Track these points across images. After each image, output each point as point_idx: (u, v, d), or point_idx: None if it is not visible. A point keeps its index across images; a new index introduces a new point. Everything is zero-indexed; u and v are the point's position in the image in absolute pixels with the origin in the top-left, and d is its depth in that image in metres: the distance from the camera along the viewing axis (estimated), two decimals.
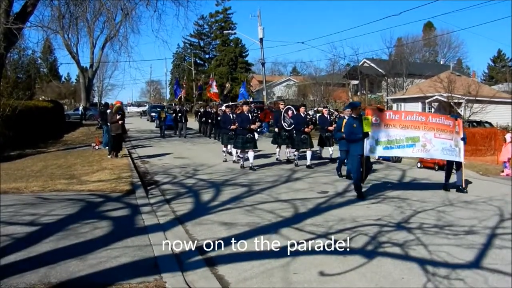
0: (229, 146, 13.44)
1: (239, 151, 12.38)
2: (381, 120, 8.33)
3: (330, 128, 12.92)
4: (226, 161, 13.29)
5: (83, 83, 41.58)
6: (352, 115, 8.62)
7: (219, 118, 18.66)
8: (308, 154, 12.16)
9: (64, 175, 9.94)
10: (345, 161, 10.41)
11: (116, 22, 20.18)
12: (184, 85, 36.17)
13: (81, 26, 24.02)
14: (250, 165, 11.72)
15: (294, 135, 12.43)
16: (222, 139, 14.03)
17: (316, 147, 13.18)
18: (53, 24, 17.96)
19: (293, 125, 12.46)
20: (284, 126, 12.76)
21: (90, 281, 4.12)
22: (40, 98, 36.75)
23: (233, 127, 12.37)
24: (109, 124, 13.96)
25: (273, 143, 13.87)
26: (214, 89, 31.90)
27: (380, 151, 8.53)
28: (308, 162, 12.06)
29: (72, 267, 4.42)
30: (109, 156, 13.12)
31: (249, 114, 12.09)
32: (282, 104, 13.78)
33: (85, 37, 35.21)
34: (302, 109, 12.48)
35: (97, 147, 16.09)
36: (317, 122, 13.37)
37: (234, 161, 12.99)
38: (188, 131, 23.84)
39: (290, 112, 12.74)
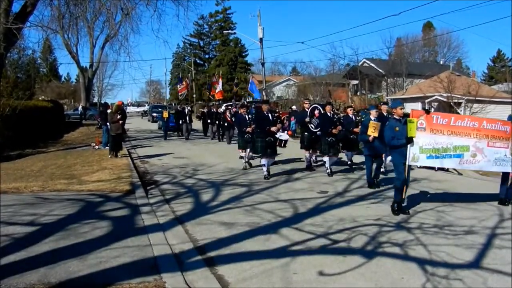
0: (247, 151, 12.02)
1: (250, 154, 11.45)
2: (427, 124, 7.21)
3: (356, 129, 11.24)
4: (246, 168, 11.76)
5: (83, 83, 41.54)
6: (395, 116, 7.51)
7: (232, 118, 18.17)
8: (331, 159, 10.80)
9: (64, 175, 9.94)
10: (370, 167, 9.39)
11: (116, 22, 20.14)
12: (186, 83, 35.60)
13: (81, 26, 24.06)
14: (265, 174, 10.20)
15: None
16: (238, 142, 12.50)
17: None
18: (53, 24, 18.03)
19: (319, 127, 11.03)
20: (311, 128, 11.25)
21: (90, 281, 4.13)
22: (40, 98, 36.71)
23: (249, 129, 11.18)
24: (108, 124, 13.97)
25: (303, 148, 12.13)
26: (220, 87, 31.27)
27: (423, 160, 7.31)
28: (327, 165, 10.81)
29: (72, 267, 4.43)
30: (109, 156, 13.13)
31: (269, 114, 10.55)
32: (307, 103, 12.21)
33: (85, 37, 35.16)
34: (328, 108, 10.95)
35: (97, 147, 16.10)
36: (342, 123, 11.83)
37: (244, 167, 11.76)
38: (192, 132, 22.83)
39: (317, 112, 11.22)
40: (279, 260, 4.88)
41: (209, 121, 22.81)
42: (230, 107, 21.81)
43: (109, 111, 14.66)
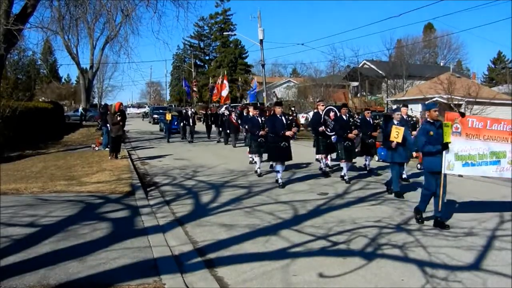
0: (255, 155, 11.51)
1: (257, 159, 11.05)
2: (462, 128, 6.56)
3: (374, 133, 11.01)
4: (258, 172, 11.06)
5: (83, 84, 41.56)
6: (428, 119, 6.77)
7: (238, 120, 17.73)
8: (347, 164, 10.17)
9: (64, 176, 9.94)
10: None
11: (116, 23, 20.15)
12: (195, 85, 34.76)
13: (81, 27, 24.11)
14: (278, 180, 9.60)
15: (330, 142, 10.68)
16: (250, 147, 11.97)
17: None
18: (53, 25, 18.05)
19: (334, 130, 10.42)
20: (326, 132, 10.66)
21: (90, 283, 4.13)
22: (40, 99, 36.83)
23: (262, 133, 10.53)
24: (108, 125, 13.98)
25: (318, 153, 11.48)
26: (227, 91, 30.40)
27: (459, 169, 6.63)
28: (344, 171, 10.16)
29: (71, 268, 4.43)
30: (109, 157, 13.12)
31: (283, 118, 9.75)
32: (322, 105, 11.49)
33: (85, 38, 35.25)
34: (344, 110, 10.32)
35: (97, 148, 16.10)
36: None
37: (256, 171, 11.08)
38: (196, 135, 21.84)
39: (332, 114, 10.62)
40: (279, 261, 4.88)
41: (209, 122, 22.40)
42: (230, 109, 21.37)
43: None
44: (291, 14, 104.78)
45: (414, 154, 10.90)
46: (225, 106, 27.29)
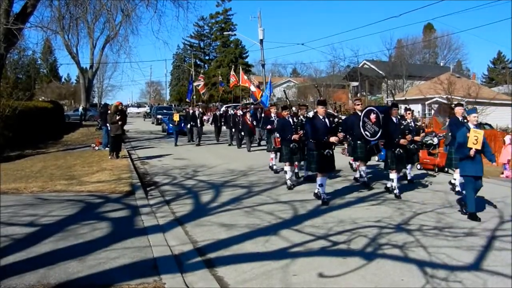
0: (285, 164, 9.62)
1: (287, 168, 9.51)
2: None
3: (417, 138, 9.63)
4: (291, 187, 9.33)
5: (83, 84, 41.50)
6: None
7: (253, 122, 16.77)
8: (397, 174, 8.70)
9: (64, 176, 9.94)
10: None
11: (116, 23, 20.12)
12: (202, 80, 33.26)
13: (81, 27, 23.99)
14: (322, 195, 7.97)
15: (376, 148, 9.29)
16: (280, 154, 9.97)
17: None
18: (53, 24, 18.01)
19: (378, 135, 8.76)
20: (365, 136, 8.90)
21: (89, 282, 4.13)
22: (40, 99, 36.81)
23: (295, 137, 9.10)
24: (108, 125, 13.98)
25: (353, 157, 10.36)
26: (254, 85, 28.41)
27: None
28: (394, 183, 8.64)
29: (71, 268, 4.43)
30: (109, 157, 13.12)
31: (326, 120, 8.15)
32: (359, 105, 10.06)
33: (85, 38, 35.06)
34: (395, 111, 8.72)
35: (97, 147, 16.09)
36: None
37: (288, 186, 9.32)
38: (203, 136, 20.23)
39: (373, 116, 8.78)
40: (279, 261, 4.87)
41: (219, 124, 21.52)
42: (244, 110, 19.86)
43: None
44: (291, 14, 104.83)
45: (495, 164, 9.80)
46: (225, 106, 26.81)
